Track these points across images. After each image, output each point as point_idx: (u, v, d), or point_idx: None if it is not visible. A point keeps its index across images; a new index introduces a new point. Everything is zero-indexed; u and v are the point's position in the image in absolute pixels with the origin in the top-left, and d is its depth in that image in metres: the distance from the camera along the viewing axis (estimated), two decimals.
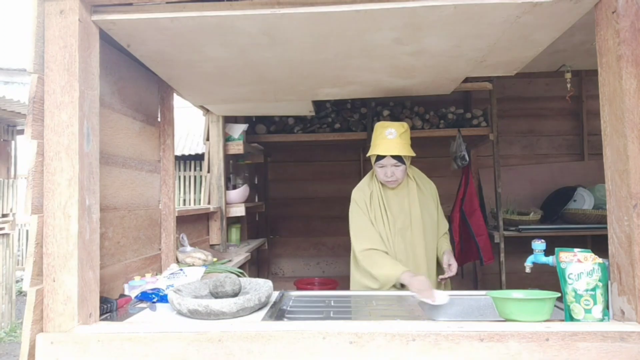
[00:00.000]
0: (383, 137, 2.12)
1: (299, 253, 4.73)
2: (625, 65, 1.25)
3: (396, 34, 1.57)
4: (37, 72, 1.31)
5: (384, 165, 2.12)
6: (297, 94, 2.47)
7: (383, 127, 2.14)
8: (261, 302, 1.51)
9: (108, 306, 1.55)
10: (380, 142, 2.12)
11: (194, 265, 2.25)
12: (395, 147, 2.10)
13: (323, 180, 4.72)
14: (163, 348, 1.23)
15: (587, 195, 3.88)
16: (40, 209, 1.29)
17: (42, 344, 1.24)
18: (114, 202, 1.76)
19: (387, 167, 2.12)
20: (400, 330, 1.22)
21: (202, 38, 1.57)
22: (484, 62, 1.95)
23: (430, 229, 2.21)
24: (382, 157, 2.11)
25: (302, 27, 1.49)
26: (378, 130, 2.16)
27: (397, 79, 2.18)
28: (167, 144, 2.22)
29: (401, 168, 2.13)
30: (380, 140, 2.13)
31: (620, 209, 1.27)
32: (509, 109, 4.48)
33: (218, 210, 3.19)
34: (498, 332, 1.20)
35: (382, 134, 2.12)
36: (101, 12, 1.40)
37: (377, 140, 2.14)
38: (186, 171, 7.49)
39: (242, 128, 3.40)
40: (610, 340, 1.18)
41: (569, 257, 1.36)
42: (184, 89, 2.31)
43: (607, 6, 1.31)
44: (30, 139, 1.29)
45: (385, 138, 2.11)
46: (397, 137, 2.11)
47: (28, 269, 1.26)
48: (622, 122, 1.26)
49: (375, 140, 2.16)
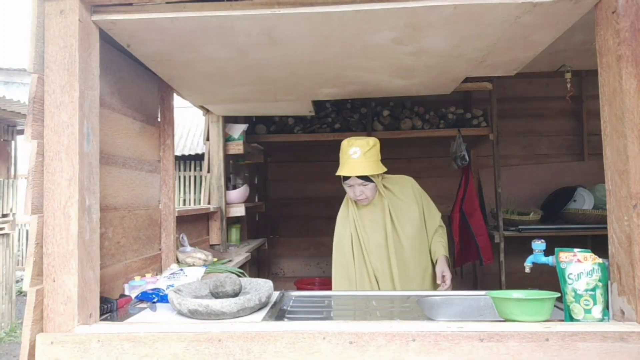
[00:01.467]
0: (348, 157, 2.03)
1: (299, 253, 4.73)
2: (625, 65, 1.25)
3: (396, 34, 1.57)
4: (37, 72, 1.31)
5: (352, 184, 2.06)
6: (297, 94, 2.48)
7: (348, 146, 2.05)
8: (261, 302, 1.52)
9: (108, 306, 1.55)
10: (345, 161, 2.04)
11: (195, 265, 2.25)
12: (359, 167, 2.00)
13: (323, 180, 4.71)
14: (163, 348, 1.23)
15: (587, 195, 3.88)
16: (40, 209, 1.29)
17: (42, 344, 1.24)
18: (114, 202, 1.76)
19: (355, 186, 2.05)
20: (400, 331, 1.22)
21: (202, 38, 1.57)
22: (484, 62, 1.95)
23: (412, 239, 2.12)
24: (347, 177, 2.04)
25: (302, 27, 1.50)
26: (343, 149, 2.07)
27: (397, 79, 2.18)
28: (167, 144, 2.23)
29: (370, 186, 2.05)
30: (345, 159, 2.04)
31: (620, 209, 1.27)
32: (509, 109, 4.48)
33: (218, 210, 3.19)
34: (498, 332, 1.20)
35: (347, 153, 2.03)
36: (101, 12, 1.40)
37: (343, 160, 2.06)
38: (186, 171, 7.48)
39: (242, 128, 3.40)
40: (610, 340, 1.18)
41: (569, 257, 1.36)
42: (184, 89, 2.31)
43: (607, 6, 1.31)
44: (30, 139, 1.29)
45: (350, 157, 2.02)
46: (362, 156, 2.00)
47: (28, 269, 1.26)
48: (622, 122, 1.26)
49: (341, 159, 2.07)
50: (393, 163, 3.81)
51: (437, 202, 2.32)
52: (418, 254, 2.14)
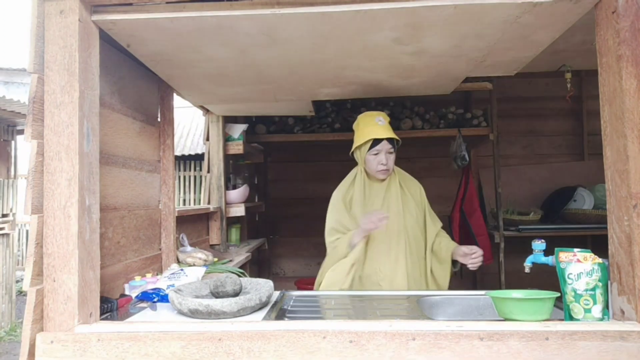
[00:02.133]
0: (374, 124, 2.05)
1: (300, 253, 4.73)
2: (625, 65, 1.25)
3: (396, 34, 1.57)
4: (37, 72, 1.31)
5: (379, 151, 2.05)
6: (297, 94, 2.48)
7: (371, 116, 2.09)
8: (262, 301, 1.52)
9: (108, 306, 1.55)
10: (371, 129, 2.05)
11: (195, 265, 2.25)
12: (389, 132, 2.05)
13: (323, 180, 4.69)
14: (163, 347, 1.23)
15: (587, 195, 3.88)
16: (40, 209, 1.29)
17: (42, 343, 1.24)
18: (114, 202, 1.76)
19: (382, 153, 2.05)
20: (400, 330, 1.22)
21: (202, 38, 1.57)
22: (484, 62, 1.95)
23: (410, 224, 2.12)
24: (377, 143, 2.04)
25: (302, 27, 1.50)
26: (366, 119, 2.10)
27: (397, 79, 2.18)
28: (167, 144, 2.23)
29: (393, 157, 2.08)
30: (372, 127, 2.05)
31: (620, 209, 1.28)
32: (509, 109, 4.48)
33: (218, 210, 3.19)
34: (498, 332, 1.20)
35: (372, 121, 2.07)
36: (101, 12, 1.40)
37: (368, 128, 2.06)
38: (186, 171, 7.49)
39: (242, 128, 3.40)
40: (610, 340, 1.18)
41: (569, 257, 1.36)
42: (184, 89, 2.31)
43: (607, 6, 1.31)
44: (30, 139, 1.29)
45: (376, 124, 2.05)
46: (387, 125, 2.07)
47: (28, 269, 1.26)
48: (622, 122, 1.26)
49: (365, 128, 2.08)
50: None
51: (437, 202, 2.32)
52: (416, 251, 2.13)
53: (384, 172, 2.08)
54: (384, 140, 2.04)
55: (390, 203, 2.12)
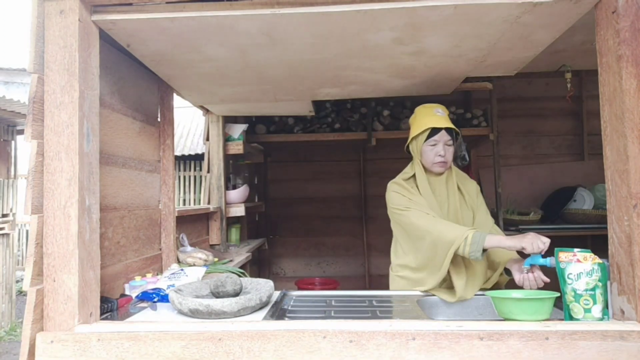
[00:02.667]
0: (432, 115, 1.96)
1: (300, 253, 4.73)
2: (625, 65, 1.25)
3: (396, 34, 1.57)
4: (37, 72, 1.31)
5: (437, 141, 1.94)
6: (297, 94, 2.48)
7: (429, 107, 1.99)
8: (262, 301, 1.52)
9: (109, 306, 1.55)
10: (430, 118, 1.94)
11: (195, 265, 2.25)
12: (448, 123, 1.94)
13: (323, 180, 4.72)
14: (164, 347, 1.23)
15: (587, 195, 3.88)
16: (40, 209, 1.29)
17: (42, 343, 1.24)
18: (114, 202, 1.76)
19: (440, 144, 1.94)
20: (400, 329, 1.22)
21: (202, 38, 1.57)
22: (484, 62, 1.95)
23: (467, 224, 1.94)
24: (435, 133, 1.93)
25: (302, 27, 1.50)
26: (424, 110, 2.00)
27: (397, 79, 2.18)
28: (167, 144, 2.23)
29: (451, 150, 1.97)
30: (430, 117, 1.95)
31: (620, 209, 1.28)
32: (509, 109, 4.48)
33: (218, 210, 3.19)
34: (498, 331, 1.20)
35: (430, 112, 1.97)
36: (101, 12, 1.40)
37: (426, 118, 1.96)
38: (186, 171, 7.49)
39: (242, 128, 3.40)
40: (610, 339, 1.18)
41: (569, 257, 1.36)
42: (184, 89, 2.31)
43: (607, 6, 1.31)
44: (30, 139, 1.29)
45: (435, 115, 1.95)
46: (446, 116, 1.97)
47: (28, 268, 1.26)
48: (622, 122, 1.26)
49: (423, 119, 1.98)
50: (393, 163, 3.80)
51: None
52: None
53: (441, 164, 1.94)
54: (442, 131, 1.94)
55: (450, 199, 1.98)
